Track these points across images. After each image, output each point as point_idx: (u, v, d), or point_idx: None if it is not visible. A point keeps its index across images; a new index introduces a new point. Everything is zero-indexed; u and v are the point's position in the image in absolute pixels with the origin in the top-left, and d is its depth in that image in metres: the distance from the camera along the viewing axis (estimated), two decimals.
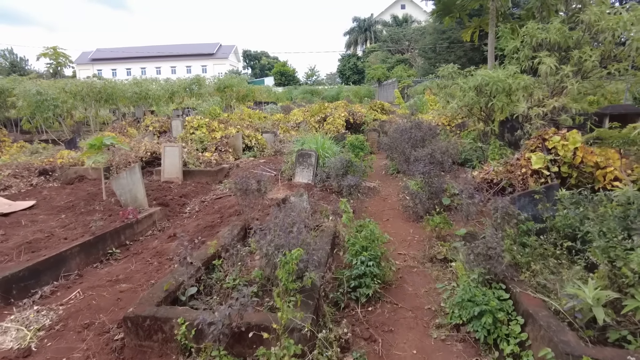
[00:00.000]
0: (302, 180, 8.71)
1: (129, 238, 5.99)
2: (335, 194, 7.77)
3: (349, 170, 7.79)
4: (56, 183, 9.69)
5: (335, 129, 14.35)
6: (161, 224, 6.72)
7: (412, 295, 4.19)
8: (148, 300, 3.56)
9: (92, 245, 5.23)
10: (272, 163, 10.72)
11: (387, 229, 6.14)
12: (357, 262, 4.05)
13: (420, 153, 7.47)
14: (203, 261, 4.48)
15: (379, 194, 8.05)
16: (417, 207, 6.48)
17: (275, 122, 17.31)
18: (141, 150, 10.39)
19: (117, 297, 4.13)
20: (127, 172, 6.87)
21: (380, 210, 7.09)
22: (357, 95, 39.02)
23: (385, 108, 22.18)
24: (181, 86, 22.33)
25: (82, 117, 20.84)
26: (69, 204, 7.50)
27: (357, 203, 6.99)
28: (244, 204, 5.77)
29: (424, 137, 9.22)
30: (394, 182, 8.88)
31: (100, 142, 7.13)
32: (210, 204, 7.64)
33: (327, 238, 5.14)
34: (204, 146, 11.71)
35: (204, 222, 6.46)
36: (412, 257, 5.08)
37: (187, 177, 9.48)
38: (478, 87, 8.94)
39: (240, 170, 9.93)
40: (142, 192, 6.89)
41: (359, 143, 9.98)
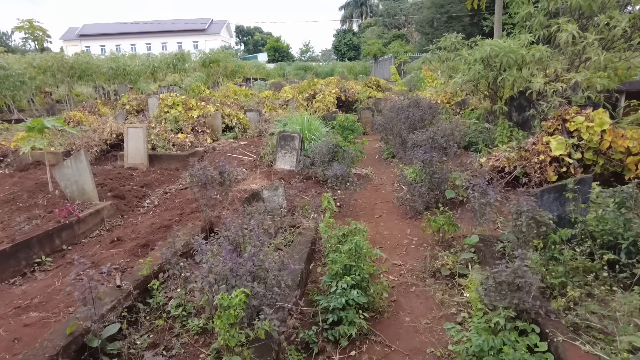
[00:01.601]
0: (284, 166, 7.62)
1: (67, 241, 4.93)
2: (321, 184, 6.71)
3: (336, 157, 6.71)
4: (8, 169, 8.56)
5: (325, 108, 13.18)
6: (111, 222, 5.65)
7: (410, 329, 3.18)
8: (39, 352, 2.53)
9: (10, 256, 4.18)
10: (253, 146, 9.60)
11: (379, 229, 5.11)
12: (337, 289, 3.03)
13: (419, 137, 6.37)
14: (138, 282, 3.45)
15: (371, 183, 7.00)
16: (415, 201, 5.44)
17: (263, 99, 16.07)
18: (105, 131, 9.24)
19: (16, 336, 3.10)
20: (71, 160, 5.76)
21: (371, 203, 6.05)
22: (352, 71, 37.52)
23: (381, 85, 20.92)
24: (163, 62, 20.87)
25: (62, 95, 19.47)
26: (9, 196, 6.40)
27: (345, 194, 5.95)
28: (203, 201, 4.70)
29: (422, 116, 8.11)
30: (389, 169, 7.82)
31: (41, 125, 5.99)
32: (172, 197, 6.57)
33: (304, 246, 4.11)
34: (179, 126, 10.55)
35: (160, 220, 5.40)
36: (410, 270, 4.07)
37: (155, 162, 8.37)
38: (486, 60, 7.79)
39: (215, 155, 8.82)
40: (90, 183, 5.80)
41: (350, 124, 8.87)
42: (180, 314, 3.31)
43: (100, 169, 8.02)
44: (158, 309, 3.43)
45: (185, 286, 3.48)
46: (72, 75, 16.28)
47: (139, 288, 3.46)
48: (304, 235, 4.48)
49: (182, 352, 2.97)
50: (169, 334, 3.19)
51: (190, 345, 3.05)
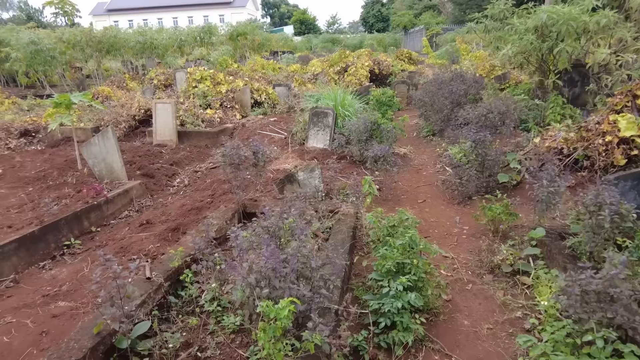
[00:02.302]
0: (317, 145, 7.23)
1: (96, 223, 4.75)
2: (357, 165, 6.30)
3: (374, 135, 6.26)
4: (40, 145, 8.52)
5: (357, 81, 12.57)
6: (141, 202, 5.45)
7: (470, 335, 2.81)
8: (64, 354, 2.30)
9: (38, 239, 4.01)
10: (283, 122, 9.23)
11: (424, 215, 4.69)
12: (389, 289, 2.66)
13: (471, 114, 5.82)
14: (168, 273, 3.19)
15: (411, 164, 6.54)
16: (463, 185, 4.97)
17: (291, 73, 15.56)
18: (133, 107, 9.04)
19: (44, 329, 2.90)
20: (99, 137, 5.55)
21: (413, 186, 5.61)
22: (382, 44, 36.17)
23: (412, 58, 20.00)
24: (190, 35, 20.49)
25: (91, 70, 19.49)
26: (40, 174, 6.30)
27: (384, 176, 5.52)
28: (236, 182, 4.38)
29: (467, 91, 7.49)
30: (429, 148, 7.30)
31: (68, 100, 5.77)
32: (203, 176, 6.31)
33: (345, 234, 3.75)
34: (207, 102, 10.25)
35: (191, 201, 5.15)
36: (464, 264, 3.66)
37: (184, 139, 8.12)
38: (540, 28, 7.04)
39: (245, 131, 8.50)
40: (118, 161, 5.58)
41: (387, 99, 8.32)
42: (215, 310, 3.05)
43: (129, 145, 7.84)
44: (191, 302, 3.17)
45: (219, 277, 3.21)
46: (100, 49, 16.16)
47: (170, 279, 3.20)
48: (344, 222, 4.11)
49: (218, 353, 2.70)
50: (203, 331, 2.93)
51: (227, 346, 2.78)
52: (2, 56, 14.91)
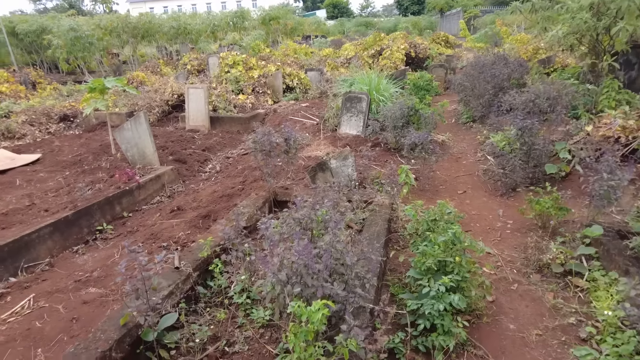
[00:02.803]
0: (350, 131, 7.00)
1: (128, 208, 4.76)
2: (392, 152, 6.04)
3: (411, 120, 5.96)
4: (78, 130, 8.72)
5: (392, 65, 12.15)
6: (172, 188, 5.43)
7: (517, 341, 2.57)
8: (91, 345, 2.24)
9: (72, 223, 4.03)
10: (315, 107, 9.03)
11: (465, 207, 4.42)
12: (429, 290, 2.45)
13: (517, 99, 5.42)
14: (197, 263, 3.10)
15: (450, 152, 6.21)
16: (507, 176, 4.64)
17: (323, 58, 15.26)
18: (167, 92, 9.07)
19: (74, 315, 2.88)
20: (131, 122, 5.54)
21: (452, 176, 5.31)
22: (417, 26, 35.01)
23: (449, 41, 19.23)
24: (223, 20, 20.46)
25: (128, 56, 19.90)
26: (77, 158, 6.41)
27: (422, 165, 5.24)
28: (267, 169, 4.25)
29: (510, 75, 7.02)
30: (469, 135, 6.93)
31: (102, 85, 5.79)
32: (234, 162, 6.23)
33: (380, 227, 3.55)
34: (239, 87, 10.17)
35: (222, 187, 5.07)
36: (509, 262, 3.39)
37: (216, 124, 8.08)
38: (596, 6, 6.46)
39: (277, 117, 8.36)
40: (150, 146, 5.57)
41: (425, 83, 7.93)
42: (244, 302, 2.94)
43: (162, 130, 7.87)
44: (220, 293, 3.08)
45: (249, 269, 3.10)
46: (136, 35, 16.39)
47: (199, 269, 3.12)
48: (378, 214, 3.91)
49: (246, 349, 2.59)
50: (232, 324, 2.84)
51: (255, 341, 2.67)
52: (45, 43, 15.37)
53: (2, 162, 6.19)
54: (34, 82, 13.46)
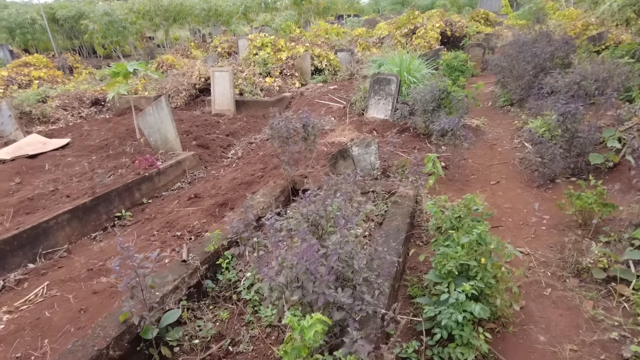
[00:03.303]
0: (377, 115, 6.69)
1: (148, 194, 4.73)
2: (421, 138, 5.71)
3: (442, 104, 5.59)
4: (108, 114, 8.85)
5: (426, 44, 11.57)
6: (194, 174, 5.37)
7: (548, 356, 2.30)
8: (88, 342, 2.17)
9: (90, 210, 4.03)
10: (344, 90, 8.72)
11: (496, 200, 4.08)
12: (448, 296, 2.22)
13: (560, 81, 4.93)
14: (206, 256, 2.98)
15: (485, 138, 5.80)
16: (545, 166, 4.24)
17: (355, 38, 14.78)
18: (194, 75, 9.01)
19: (83, 306, 2.85)
20: (153, 107, 5.49)
21: (485, 164, 4.94)
22: (455, 4, 33.31)
23: (490, 19, 18.14)
24: (255, 0, 20.20)
25: (161, 39, 20.11)
26: (103, 142, 6.48)
27: (452, 152, 4.91)
28: (285, 157, 4.06)
29: (554, 54, 6.44)
30: (506, 120, 6.46)
31: (125, 69, 5.76)
32: (256, 148, 6.10)
33: (401, 221, 3.31)
34: (267, 70, 9.99)
35: (242, 174, 4.95)
36: (543, 263, 3.08)
37: (241, 108, 7.96)
38: None
39: (303, 101, 8.14)
40: (172, 131, 5.51)
41: (459, 64, 7.45)
42: (252, 298, 2.81)
43: (188, 114, 7.84)
44: (229, 287, 2.97)
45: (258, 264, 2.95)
46: (168, 18, 16.47)
47: (208, 262, 3.01)
48: (401, 206, 3.66)
49: (251, 349, 2.47)
50: (238, 321, 2.72)
51: (261, 341, 2.54)
52: (83, 28, 15.72)
53: (34, 147, 6.34)
54: (71, 66, 13.83)
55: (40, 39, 19.04)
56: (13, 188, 4.93)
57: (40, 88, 9.42)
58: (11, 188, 4.92)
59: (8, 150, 6.14)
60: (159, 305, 2.48)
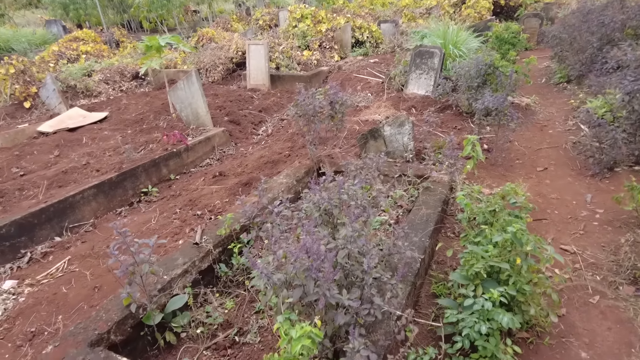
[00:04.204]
0: (417, 91, 6.27)
1: (176, 170, 4.70)
2: (463, 117, 5.28)
3: (488, 81, 5.10)
4: (148, 88, 8.95)
5: (477, 15, 10.73)
6: (223, 150, 5.28)
7: None
8: (90, 325, 2.13)
9: (116, 185, 4.04)
10: (384, 64, 8.27)
11: (542, 189, 3.67)
12: (473, 302, 1.95)
13: (629, 54, 4.31)
14: (220, 239, 2.87)
15: (534, 118, 5.27)
16: (604, 152, 3.75)
17: (401, 8, 14.02)
18: (231, 49, 8.88)
19: (97, 284, 2.84)
20: (184, 82, 5.41)
21: (533, 148, 4.48)
22: None
23: None
24: None
25: (206, 13, 20.12)
26: (139, 116, 6.53)
27: (497, 134, 4.48)
28: (309, 137, 3.85)
29: (625, 23, 5.68)
30: (560, 99, 5.84)
31: (157, 43, 5.69)
32: (287, 125, 5.90)
33: (432, 209, 3.03)
34: (306, 42, 9.67)
35: (270, 153, 4.80)
36: (591, 265, 2.70)
37: (277, 83, 7.76)
38: None
39: (340, 75, 7.81)
40: (203, 106, 5.43)
41: (511, 36, 6.79)
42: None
43: (224, 89, 7.75)
44: (243, 271, 2.86)
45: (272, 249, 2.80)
46: None
47: (222, 245, 2.89)
48: (433, 192, 3.36)
49: (258, 340, 2.34)
50: (249, 308, 2.60)
51: (270, 332, 2.41)
52: (129, 2, 15.96)
53: (75, 120, 6.51)
54: (118, 41, 14.13)
55: (92, 14, 19.59)
56: (52, 160, 5.07)
57: (86, 62, 9.67)
58: (50, 161, 5.06)
59: (51, 124, 6.34)
60: (164, 290, 2.40)
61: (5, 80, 7.40)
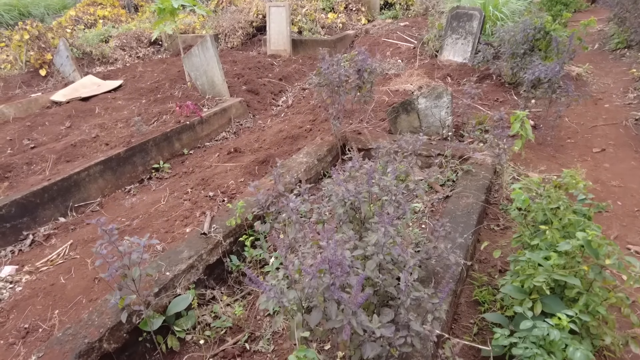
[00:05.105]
0: (454, 58, 5.69)
1: (189, 145, 4.39)
2: (506, 88, 4.72)
3: (537, 46, 4.49)
4: (166, 54, 8.58)
5: None
6: (240, 123, 4.92)
7: None
8: (80, 331, 1.87)
9: (125, 161, 3.76)
10: (416, 27, 7.62)
11: (599, 174, 3.18)
12: (531, 327, 1.57)
13: None
14: (231, 228, 2.55)
15: (587, 90, 4.66)
16: None
17: None
18: (251, 12, 8.35)
19: (97, 275, 2.59)
20: (198, 48, 5.02)
21: (587, 126, 3.94)
22: None
23: None
24: None
25: None
26: (154, 85, 6.20)
27: (546, 109, 3.94)
28: (333, 110, 3.43)
29: None
30: (618, 67, 5.16)
31: (170, 5, 5.26)
32: (309, 95, 5.46)
33: (473, 198, 2.62)
34: (330, 4, 9.03)
35: (289, 126, 4.41)
36: None
37: (299, 48, 7.26)
38: None
39: (367, 39, 7.22)
40: (219, 75, 5.04)
41: None
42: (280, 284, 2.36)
43: (243, 55, 7.31)
44: (256, 265, 2.55)
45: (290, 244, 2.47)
46: None
47: (233, 236, 2.58)
48: (475, 177, 2.94)
49: (271, 349, 2.05)
50: (262, 310, 2.30)
51: (285, 339, 2.11)
52: None
53: (89, 89, 6.24)
54: (136, 5, 13.68)
55: None
56: (62, 132, 4.84)
57: (103, 28, 9.34)
58: (61, 132, 4.83)
59: (65, 92, 6.09)
60: (166, 290, 2.12)
61: (20, 46, 7.16)
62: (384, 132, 3.80)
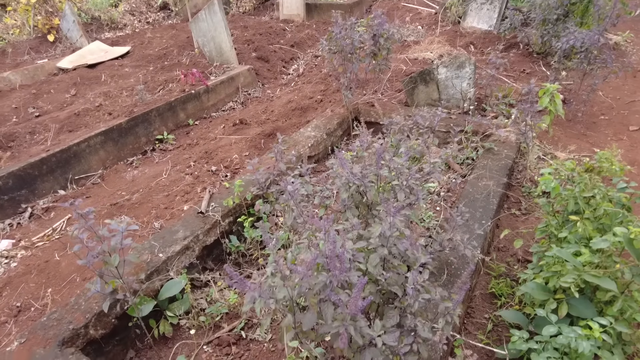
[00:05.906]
0: (478, 24, 5.28)
1: (195, 115, 4.21)
2: (533, 58, 4.36)
3: (571, 11, 4.08)
4: (176, 19, 8.28)
5: None
6: (248, 92, 4.70)
7: None
8: (66, 316, 1.76)
9: (127, 132, 3.61)
10: None
11: (636, 155, 2.89)
12: (556, 332, 1.39)
13: None
14: (230, 208, 2.39)
15: (626, 61, 4.25)
16: None
17: None
18: None
19: None
20: (205, 12, 4.74)
21: (624, 101, 3.60)
22: None
23: None
24: None
25: None
26: (162, 52, 5.97)
27: (578, 80, 3.60)
28: (345, 80, 3.17)
29: None
30: None
31: None
32: (321, 63, 5.18)
33: (494, 179, 2.39)
34: None
35: (299, 97, 4.17)
36: None
37: (313, 13, 6.88)
38: None
39: (386, 3, 6.80)
40: (227, 41, 4.78)
41: None
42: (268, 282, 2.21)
43: (255, 20, 6.98)
44: (257, 246, 2.40)
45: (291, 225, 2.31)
46: None
47: (233, 215, 2.43)
48: (497, 156, 2.69)
49: (268, 338, 1.92)
50: None
51: (280, 329, 1.97)
52: None
53: (96, 55, 6.05)
54: None
55: None
56: (67, 100, 4.70)
57: None
58: (66, 100, 4.70)
59: (71, 59, 5.92)
60: (158, 273, 1.99)
61: (27, 10, 6.97)
62: (399, 105, 3.54)
